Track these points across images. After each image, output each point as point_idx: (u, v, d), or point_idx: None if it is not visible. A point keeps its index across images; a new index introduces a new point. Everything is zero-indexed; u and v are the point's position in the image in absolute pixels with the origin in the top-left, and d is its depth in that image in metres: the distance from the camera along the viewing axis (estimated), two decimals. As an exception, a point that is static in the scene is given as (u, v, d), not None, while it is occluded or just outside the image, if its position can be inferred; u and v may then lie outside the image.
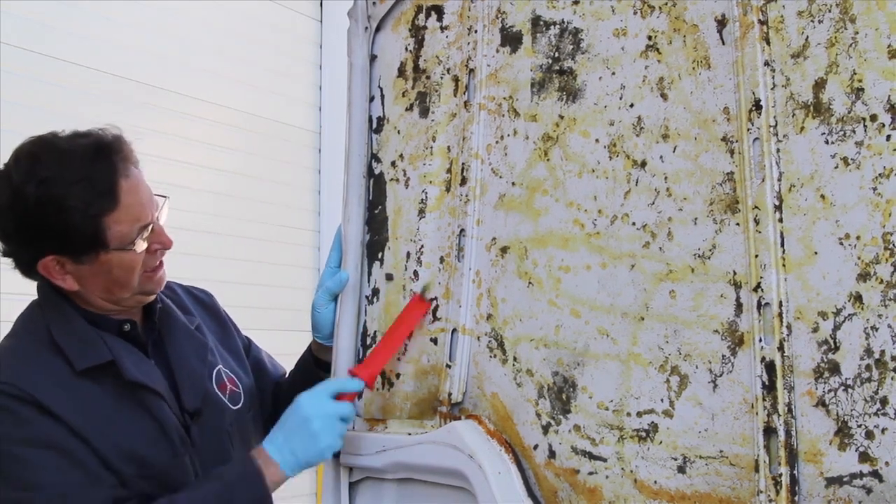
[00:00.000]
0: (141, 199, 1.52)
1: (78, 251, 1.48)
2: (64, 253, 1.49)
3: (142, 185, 1.54)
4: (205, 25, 4.93)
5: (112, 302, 1.56)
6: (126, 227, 1.49)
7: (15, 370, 1.45)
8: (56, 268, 1.50)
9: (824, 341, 1.12)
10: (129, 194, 1.50)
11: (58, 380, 1.46)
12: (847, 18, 1.13)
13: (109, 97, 4.32)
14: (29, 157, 1.50)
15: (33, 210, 1.45)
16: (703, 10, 1.27)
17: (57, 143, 1.51)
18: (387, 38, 1.73)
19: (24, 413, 1.41)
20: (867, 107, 1.10)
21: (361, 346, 1.68)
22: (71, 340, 1.50)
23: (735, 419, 1.19)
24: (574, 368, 1.37)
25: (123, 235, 1.49)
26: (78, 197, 1.45)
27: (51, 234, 1.46)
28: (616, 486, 1.30)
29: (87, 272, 1.51)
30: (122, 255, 1.50)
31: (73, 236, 1.46)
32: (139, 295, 1.58)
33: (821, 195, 1.13)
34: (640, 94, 1.34)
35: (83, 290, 1.53)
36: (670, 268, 1.27)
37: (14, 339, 1.54)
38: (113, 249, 1.49)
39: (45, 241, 1.48)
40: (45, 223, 1.46)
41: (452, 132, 1.59)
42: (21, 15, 4.01)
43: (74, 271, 1.51)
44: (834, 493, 1.09)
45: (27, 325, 1.55)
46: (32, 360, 1.48)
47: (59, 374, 1.47)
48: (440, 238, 1.59)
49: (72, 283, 1.52)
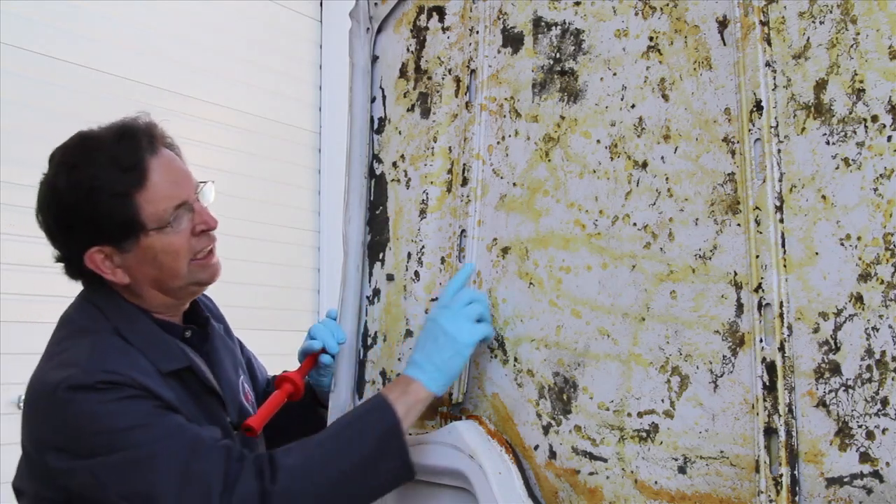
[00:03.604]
0: (174, 178, 1.49)
1: (117, 237, 1.45)
2: (105, 241, 1.46)
3: (174, 163, 1.51)
4: (205, 25, 4.93)
5: (164, 293, 1.52)
6: (160, 205, 1.46)
7: (113, 360, 1.40)
8: (104, 261, 1.47)
9: (825, 342, 1.12)
10: (158, 171, 1.47)
11: (152, 375, 1.42)
12: (848, 19, 1.13)
13: (109, 97, 4.33)
14: (59, 151, 1.50)
15: (66, 199, 1.45)
16: (705, 10, 1.28)
17: (86, 134, 1.51)
18: (388, 38, 1.73)
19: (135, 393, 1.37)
20: (868, 107, 1.10)
21: (362, 347, 1.68)
22: (148, 342, 1.47)
23: (736, 419, 1.19)
24: (575, 369, 1.37)
25: (159, 215, 1.46)
26: (104, 177, 1.43)
27: (87, 222, 1.45)
28: (616, 486, 1.30)
29: (134, 261, 1.48)
30: (162, 237, 1.47)
31: (108, 220, 1.44)
32: (192, 285, 1.54)
33: (822, 196, 1.14)
34: (641, 95, 1.34)
35: (134, 284, 1.50)
36: (671, 268, 1.28)
37: (89, 335, 1.46)
38: (152, 231, 1.46)
39: (83, 229, 1.46)
40: (79, 211, 1.44)
41: (454, 133, 1.59)
42: (21, 15, 4.01)
43: (122, 263, 1.48)
44: (834, 494, 1.09)
45: (92, 322, 1.49)
46: (124, 355, 1.43)
47: (151, 371, 1.42)
48: (441, 238, 1.59)
49: (122, 275, 1.49)
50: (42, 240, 1.52)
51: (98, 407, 1.34)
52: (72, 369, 1.37)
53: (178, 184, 1.50)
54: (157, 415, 1.36)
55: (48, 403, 1.38)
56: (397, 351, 1.61)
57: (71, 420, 1.35)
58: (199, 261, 1.53)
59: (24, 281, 3.86)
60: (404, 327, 1.60)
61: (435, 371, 1.43)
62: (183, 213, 1.49)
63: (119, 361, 1.40)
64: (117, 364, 1.39)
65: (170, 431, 1.35)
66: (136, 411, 1.35)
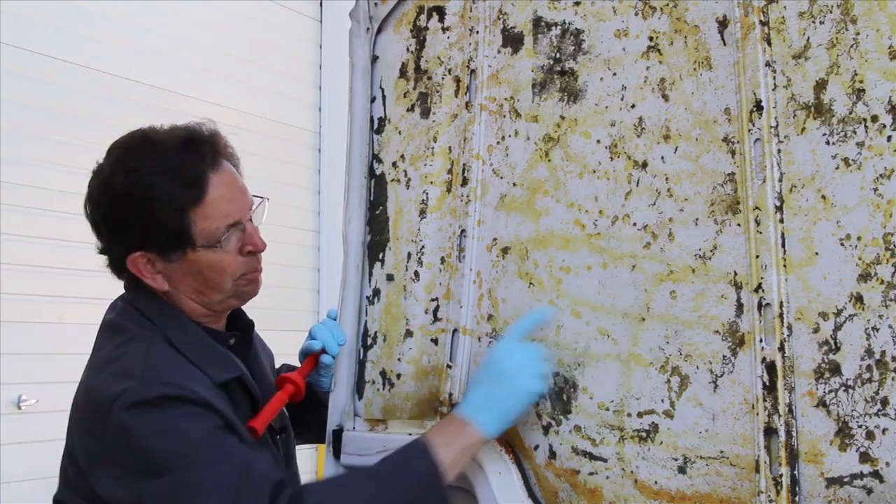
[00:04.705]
0: (231, 196, 1.45)
1: (165, 247, 1.43)
2: (152, 249, 1.43)
3: (233, 180, 1.47)
4: (205, 25, 4.94)
5: (203, 305, 1.49)
6: (213, 223, 1.42)
7: (170, 371, 1.36)
8: (146, 265, 1.45)
9: (825, 342, 1.12)
10: (217, 188, 1.43)
11: (207, 387, 1.38)
12: (848, 19, 1.13)
13: (109, 97, 4.33)
14: (120, 148, 1.46)
15: (121, 202, 1.41)
16: (705, 11, 1.28)
17: (150, 135, 1.46)
18: (388, 38, 1.73)
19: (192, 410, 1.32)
20: (868, 107, 1.10)
21: (362, 347, 1.68)
22: (199, 352, 1.43)
23: (736, 419, 1.19)
24: (575, 369, 1.37)
25: (210, 233, 1.43)
26: (164, 188, 1.39)
27: (137, 227, 1.42)
28: (616, 486, 1.30)
29: (177, 271, 1.45)
30: (211, 254, 1.44)
31: (159, 230, 1.41)
32: (232, 299, 1.51)
33: (822, 196, 1.14)
34: (641, 95, 1.34)
35: (173, 291, 1.47)
36: (671, 268, 1.28)
37: (143, 343, 1.41)
38: (200, 247, 1.42)
39: (132, 234, 1.42)
40: (131, 215, 1.41)
41: (454, 133, 1.59)
42: (21, 15, 4.01)
43: (164, 270, 1.45)
44: (834, 494, 1.09)
45: (144, 330, 1.45)
46: (181, 366, 1.39)
47: (205, 383, 1.39)
48: (441, 238, 1.59)
49: (161, 282, 1.46)
50: (42, 240, 1.51)
51: (154, 427, 1.30)
52: (129, 381, 1.33)
53: (233, 202, 1.46)
54: (210, 438, 1.32)
55: (103, 416, 1.32)
56: (397, 351, 1.61)
57: (125, 439, 1.30)
58: (245, 277, 1.50)
59: (24, 281, 3.86)
60: (404, 327, 1.60)
61: (494, 413, 1.36)
62: (234, 232, 1.46)
63: (176, 372, 1.36)
64: (175, 375, 1.35)
65: (220, 458, 1.29)
66: (190, 434, 1.31)
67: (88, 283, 1.57)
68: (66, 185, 3.81)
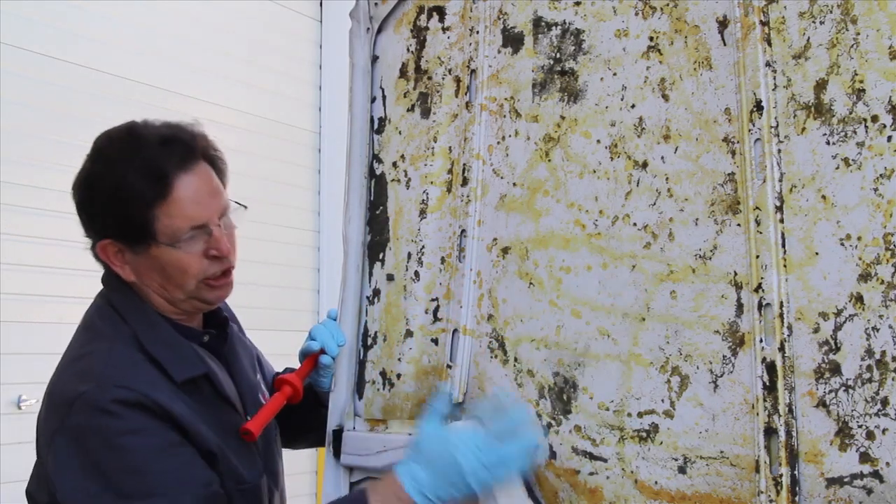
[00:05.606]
0: (198, 198, 1.46)
1: (130, 238, 1.45)
2: (119, 238, 1.46)
3: (205, 184, 1.48)
4: (205, 25, 4.93)
5: (168, 301, 1.51)
6: (177, 222, 1.44)
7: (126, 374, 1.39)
8: (116, 254, 1.48)
9: (825, 342, 1.12)
10: (185, 188, 1.44)
11: (163, 389, 1.40)
12: (848, 19, 1.13)
13: (109, 97, 4.32)
14: (106, 138, 1.50)
15: (93, 189, 1.46)
16: (705, 11, 1.28)
17: (134, 129, 1.49)
18: (388, 38, 1.73)
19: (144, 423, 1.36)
20: (868, 107, 1.10)
21: (362, 347, 1.68)
22: (165, 350, 1.45)
23: (736, 420, 1.19)
24: (575, 369, 1.37)
25: (173, 231, 1.44)
26: (132, 181, 1.42)
27: (104, 215, 1.46)
28: (617, 486, 1.30)
29: (143, 265, 1.47)
30: (172, 252, 1.45)
31: (125, 221, 1.44)
32: (195, 300, 1.52)
33: (822, 196, 1.14)
34: (641, 95, 1.34)
35: (139, 283, 1.49)
36: (671, 268, 1.28)
37: (106, 343, 1.45)
38: (163, 244, 1.44)
39: (100, 221, 1.47)
40: (101, 203, 1.45)
41: (454, 133, 1.59)
42: (21, 15, 4.01)
43: (132, 261, 1.48)
44: (834, 494, 1.09)
45: (111, 328, 1.48)
46: (139, 367, 1.42)
47: (163, 384, 1.41)
48: (441, 238, 1.59)
49: (129, 272, 1.49)
50: (42, 240, 1.53)
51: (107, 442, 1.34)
52: (88, 384, 1.36)
53: (200, 204, 1.46)
54: (160, 462, 1.34)
55: (61, 417, 1.37)
56: (397, 351, 1.61)
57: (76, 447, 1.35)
58: (207, 282, 1.51)
59: (24, 281, 3.86)
60: (404, 327, 1.60)
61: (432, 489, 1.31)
62: (199, 234, 1.47)
63: (135, 376, 1.39)
64: (133, 379, 1.38)
65: (165, 489, 1.33)
66: (139, 454, 1.34)
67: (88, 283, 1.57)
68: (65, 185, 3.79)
